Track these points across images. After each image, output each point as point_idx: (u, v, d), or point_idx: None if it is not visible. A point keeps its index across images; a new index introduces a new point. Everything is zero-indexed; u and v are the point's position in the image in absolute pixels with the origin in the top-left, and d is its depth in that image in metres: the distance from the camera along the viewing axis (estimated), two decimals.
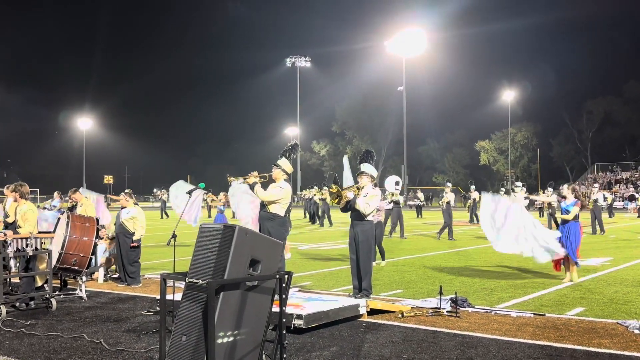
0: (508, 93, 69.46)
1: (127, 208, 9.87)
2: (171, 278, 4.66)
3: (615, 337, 6.01)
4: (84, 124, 74.83)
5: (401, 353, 5.50)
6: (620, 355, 5.38)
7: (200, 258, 4.30)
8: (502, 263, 12.36)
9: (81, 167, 71.00)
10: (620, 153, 73.11)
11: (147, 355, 5.48)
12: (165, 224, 27.30)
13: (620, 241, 17.57)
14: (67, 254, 8.43)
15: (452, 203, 19.19)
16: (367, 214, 8.16)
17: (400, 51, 50.39)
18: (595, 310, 7.41)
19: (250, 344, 4.31)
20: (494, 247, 9.84)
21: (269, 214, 8.09)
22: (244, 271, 4.27)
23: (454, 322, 6.73)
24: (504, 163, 77.38)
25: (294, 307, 6.48)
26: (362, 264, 8.15)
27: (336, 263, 12.48)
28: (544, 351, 5.54)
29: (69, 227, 8.51)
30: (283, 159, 8.34)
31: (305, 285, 9.52)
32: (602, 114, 75.11)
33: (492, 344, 5.83)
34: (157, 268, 11.52)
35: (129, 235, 9.62)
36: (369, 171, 8.47)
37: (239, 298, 4.21)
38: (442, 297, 7.42)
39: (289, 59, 67.12)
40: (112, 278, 10.24)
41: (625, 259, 12.88)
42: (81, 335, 6.22)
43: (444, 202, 19.17)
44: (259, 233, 4.69)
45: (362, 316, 6.93)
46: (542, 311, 7.34)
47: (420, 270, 11.31)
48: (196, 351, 4.05)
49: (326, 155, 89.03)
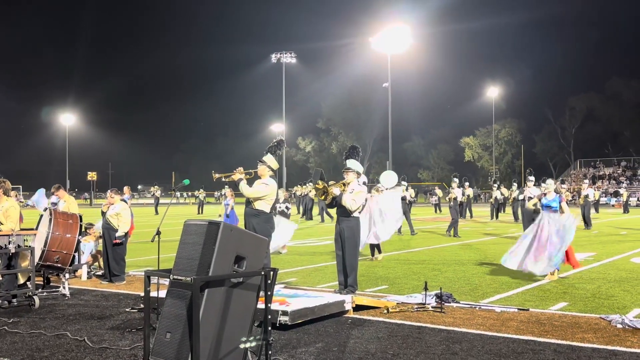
0: (492, 90, 69.83)
1: (114, 204, 9.81)
2: (155, 275, 4.62)
3: (599, 332, 6.06)
4: (67, 120, 74.10)
5: (386, 349, 5.51)
6: (603, 349, 5.43)
7: (184, 255, 4.27)
8: (486, 259, 12.43)
9: (64, 164, 70.28)
10: (603, 149, 73.93)
11: (131, 352, 5.44)
12: (155, 221, 27.14)
13: (604, 236, 17.75)
14: (50, 251, 8.34)
15: (459, 199, 18.71)
16: (354, 210, 8.17)
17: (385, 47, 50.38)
18: (579, 305, 7.48)
19: (236, 340, 4.30)
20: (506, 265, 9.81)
21: (255, 210, 8.06)
22: (229, 268, 4.24)
23: (439, 318, 6.76)
24: (488, 159, 77.87)
25: (279, 303, 6.47)
26: (347, 260, 8.15)
27: (322, 259, 12.49)
28: (528, 346, 5.57)
29: (52, 224, 8.43)
30: (268, 155, 8.31)
31: (291, 281, 9.51)
32: (585, 110, 75.86)
33: (477, 338, 5.86)
34: (141, 265, 11.45)
35: (114, 232, 9.56)
36: (355, 167, 8.46)
37: (223, 295, 4.19)
38: (427, 293, 7.45)
39: (274, 54, 66.79)
40: (95, 275, 10.16)
41: (608, 254, 13.02)
42: (64, 333, 6.16)
43: (451, 199, 18.66)
44: (244, 229, 4.67)
45: (348, 312, 6.93)
46: (526, 306, 7.39)
47: (405, 266, 11.34)
48: (181, 348, 4.03)
49: (312, 152, 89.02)
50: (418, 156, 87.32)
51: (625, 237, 17.72)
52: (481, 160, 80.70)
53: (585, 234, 18.62)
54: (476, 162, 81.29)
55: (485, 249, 14.48)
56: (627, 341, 5.68)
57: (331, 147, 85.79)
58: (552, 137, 78.91)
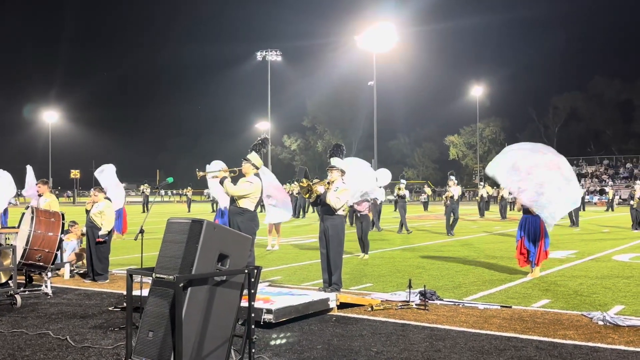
0: (476, 89, 70.20)
1: (97, 203, 9.74)
2: (137, 273, 4.60)
3: (580, 329, 6.12)
4: (50, 117, 73.41)
5: (370, 346, 5.53)
6: (585, 346, 5.49)
7: (167, 253, 4.25)
8: (470, 257, 12.51)
9: (47, 162, 69.67)
10: (586, 148, 74.66)
11: (114, 351, 5.41)
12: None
13: (586, 234, 17.93)
14: (32, 250, 8.26)
15: (455, 197, 18.25)
16: (338, 208, 8.18)
17: (370, 46, 50.46)
18: (561, 302, 7.55)
19: (219, 339, 4.28)
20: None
21: (239, 208, 8.04)
22: (212, 266, 4.23)
23: (423, 315, 6.79)
24: (473, 157, 78.31)
25: (263, 301, 6.46)
26: (332, 258, 8.16)
27: (306, 257, 12.49)
28: (511, 343, 5.61)
29: (34, 223, 8.34)
30: (253, 153, 8.29)
31: (276, 279, 9.50)
32: (568, 109, 76.57)
33: (460, 336, 5.89)
34: (125, 264, 11.38)
35: (98, 230, 9.49)
36: (339, 165, 8.47)
37: (206, 293, 4.17)
38: (411, 291, 7.48)
39: (260, 52, 66.58)
40: (78, 274, 10.08)
41: (590, 251, 13.15)
42: (46, 332, 6.11)
43: (447, 197, 18.38)
44: (227, 228, 4.65)
45: (332, 310, 6.94)
46: (509, 303, 7.44)
47: (389, 264, 11.38)
48: (163, 347, 4.01)
49: (297, 150, 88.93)
50: (403, 154, 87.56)
51: (607, 235, 17.91)
52: (466, 159, 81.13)
53: (567, 231, 18.79)
54: (461, 161, 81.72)
55: (469, 247, 14.56)
56: (608, 338, 5.74)
57: (317, 145, 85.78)
58: (535, 136, 79.39)
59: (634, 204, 19.70)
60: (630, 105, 73.06)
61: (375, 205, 20.30)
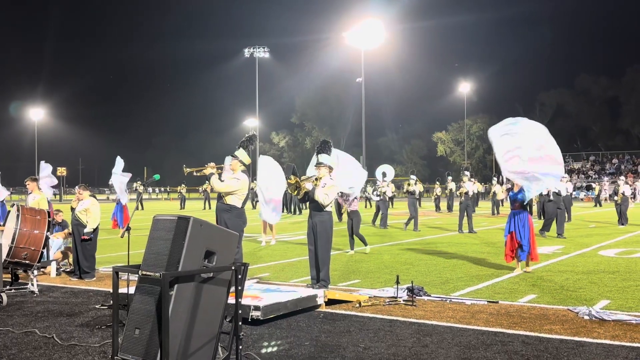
0: (464, 85, 70.44)
1: (82, 200, 9.68)
2: (124, 271, 4.57)
3: (566, 323, 6.17)
4: (36, 114, 72.83)
5: (358, 342, 5.54)
6: (571, 340, 5.53)
7: (153, 250, 4.23)
8: (457, 253, 12.56)
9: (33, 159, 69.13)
10: (572, 144, 75.14)
11: (100, 349, 5.38)
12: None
13: (572, 230, 18.05)
14: (18, 248, 8.21)
15: (470, 194, 17.78)
16: (326, 204, 8.18)
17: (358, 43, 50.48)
18: (547, 297, 7.60)
19: (206, 336, 4.27)
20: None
21: (226, 205, 8.03)
22: (199, 263, 4.21)
23: (410, 311, 6.81)
24: (461, 154, 78.61)
25: (251, 298, 6.46)
26: (320, 255, 8.17)
27: (295, 254, 12.49)
28: (497, 337, 5.65)
29: (20, 220, 8.28)
30: (240, 150, 8.28)
31: (264, 276, 9.50)
32: (555, 106, 77.03)
33: (447, 331, 5.92)
34: (112, 261, 11.31)
35: (83, 228, 9.43)
36: (327, 162, 8.47)
37: (193, 290, 4.16)
38: (399, 287, 7.50)
39: (247, 49, 66.38)
40: (65, 272, 10.02)
41: (576, 246, 13.25)
42: (33, 330, 6.07)
43: (462, 193, 17.75)
44: (214, 224, 4.64)
45: (320, 306, 6.95)
46: (496, 299, 7.48)
47: (377, 261, 11.40)
48: (150, 344, 3.99)
49: (285, 147, 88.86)
50: (392, 151, 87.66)
51: (593, 230, 18.05)
52: (453, 155, 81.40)
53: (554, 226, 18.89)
54: (448, 157, 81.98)
55: (457, 243, 14.62)
56: (593, 332, 5.79)
57: (305, 142, 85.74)
58: None
59: (618, 200, 19.88)
60: (616, 102, 73.68)
61: (384, 201, 20.23)
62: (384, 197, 20.42)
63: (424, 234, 17.31)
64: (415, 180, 20.46)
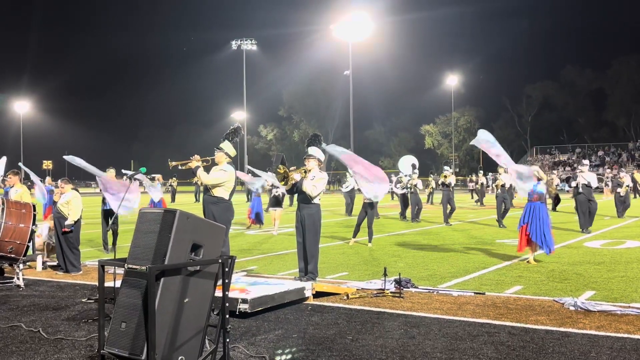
0: (451, 78, 70.64)
1: (64, 193, 9.61)
2: (109, 264, 4.55)
3: (552, 314, 6.22)
4: (21, 107, 72.15)
5: (345, 334, 5.55)
6: (556, 331, 5.58)
7: (139, 243, 4.20)
8: (444, 245, 12.61)
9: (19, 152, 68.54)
10: (558, 136, 75.67)
11: (87, 343, 5.35)
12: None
13: (559, 223, 18.17)
14: (3, 242, 8.14)
15: (507, 186, 16.79)
16: (314, 196, 8.17)
17: (346, 35, 50.44)
18: (533, 289, 7.65)
19: (193, 329, 4.26)
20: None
21: (213, 197, 8.00)
22: (186, 256, 4.20)
23: (398, 303, 6.83)
24: (448, 147, 78.89)
25: (239, 291, 6.45)
26: (308, 247, 8.16)
27: (283, 247, 12.48)
28: (484, 328, 5.68)
29: (4, 214, 8.21)
30: (226, 142, 8.24)
31: (252, 269, 9.49)
32: (541, 98, 77.42)
33: (434, 322, 5.95)
34: (98, 255, 11.26)
35: (65, 220, 9.36)
36: (317, 154, 8.47)
37: (180, 283, 4.14)
38: (387, 279, 7.52)
39: (235, 41, 66.10)
40: (50, 266, 9.94)
41: (562, 238, 13.34)
42: (18, 325, 6.02)
43: (498, 185, 16.93)
44: (201, 217, 4.62)
45: (308, 299, 6.95)
46: (482, 290, 7.53)
47: (365, 253, 11.43)
48: (136, 338, 3.97)
49: (273, 139, 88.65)
50: (379, 144, 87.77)
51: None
52: (441, 148, 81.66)
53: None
54: (436, 150, 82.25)
55: (444, 235, 14.69)
56: (579, 323, 5.84)
57: (293, 135, 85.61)
58: (509, 125, 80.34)
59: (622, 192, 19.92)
60: (601, 94, 74.20)
61: (415, 194, 19.01)
62: (415, 190, 19.09)
63: (410, 226, 17.36)
64: (452, 172, 19.39)
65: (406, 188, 19.40)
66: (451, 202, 18.04)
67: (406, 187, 19.39)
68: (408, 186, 19.19)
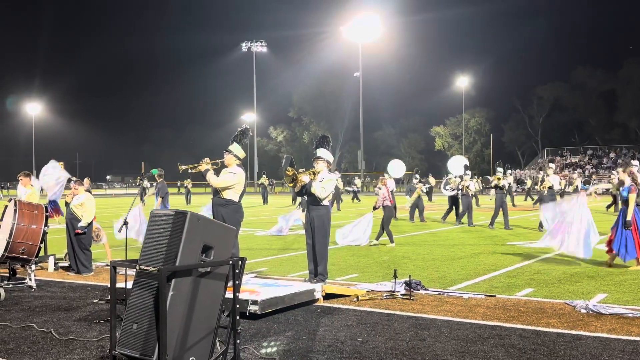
0: (462, 79, 70.46)
1: (77, 195, 9.67)
2: (121, 265, 4.57)
3: (563, 317, 6.19)
4: (33, 109, 72.67)
5: (356, 336, 5.55)
6: (568, 334, 5.55)
7: (151, 245, 4.22)
8: (454, 247, 12.58)
9: (31, 154, 69.06)
10: (569, 138, 75.22)
11: (98, 344, 5.38)
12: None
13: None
14: (15, 243, 8.19)
15: (555, 188, 15.76)
16: (323, 198, 8.18)
17: (356, 36, 50.46)
18: (544, 291, 7.62)
19: (204, 330, 4.28)
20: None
21: (223, 199, 8.01)
22: (196, 257, 4.21)
23: (408, 305, 6.82)
24: (458, 148, 78.59)
25: (249, 292, 6.46)
26: (318, 249, 8.17)
27: (292, 248, 12.50)
28: (495, 331, 5.66)
29: (17, 215, 8.27)
30: (234, 144, 8.25)
31: (262, 271, 9.50)
32: (552, 99, 77.04)
33: (445, 325, 5.93)
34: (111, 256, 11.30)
35: (78, 222, 9.42)
36: (325, 156, 8.47)
37: (191, 285, 4.16)
38: (397, 281, 7.51)
39: (245, 43, 66.34)
40: (62, 267, 10.00)
41: None
42: (30, 325, 6.07)
43: (545, 187, 15.64)
44: (211, 219, 4.64)
45: (318, 301, 6.96)
46: (493, 292, 7.50)
47: (375, 255, 11.42)
48: (147, 339, 3.99)
49: (283, 141, 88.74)
50: (389, 145, 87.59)
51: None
52: (451, 149, 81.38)
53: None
54: (446, 151, 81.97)
55: (454, 237, 14.64)
56: (590, 326, 5.81)
57: (303, 136, 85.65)
58: (520, 126, 80.00)
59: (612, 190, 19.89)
60: (613, 95, 73.64)
61: (467, 196, 18.30)
62: (467, 192, 18.28)
63: (423, 227, 17.31)
64: (503, 172, 18.40)
65: (457, 189, 19.00)
66: (504, 205, 16.83)
67: (456, 189, 19.00)
68: (460, 187, 18.69)
